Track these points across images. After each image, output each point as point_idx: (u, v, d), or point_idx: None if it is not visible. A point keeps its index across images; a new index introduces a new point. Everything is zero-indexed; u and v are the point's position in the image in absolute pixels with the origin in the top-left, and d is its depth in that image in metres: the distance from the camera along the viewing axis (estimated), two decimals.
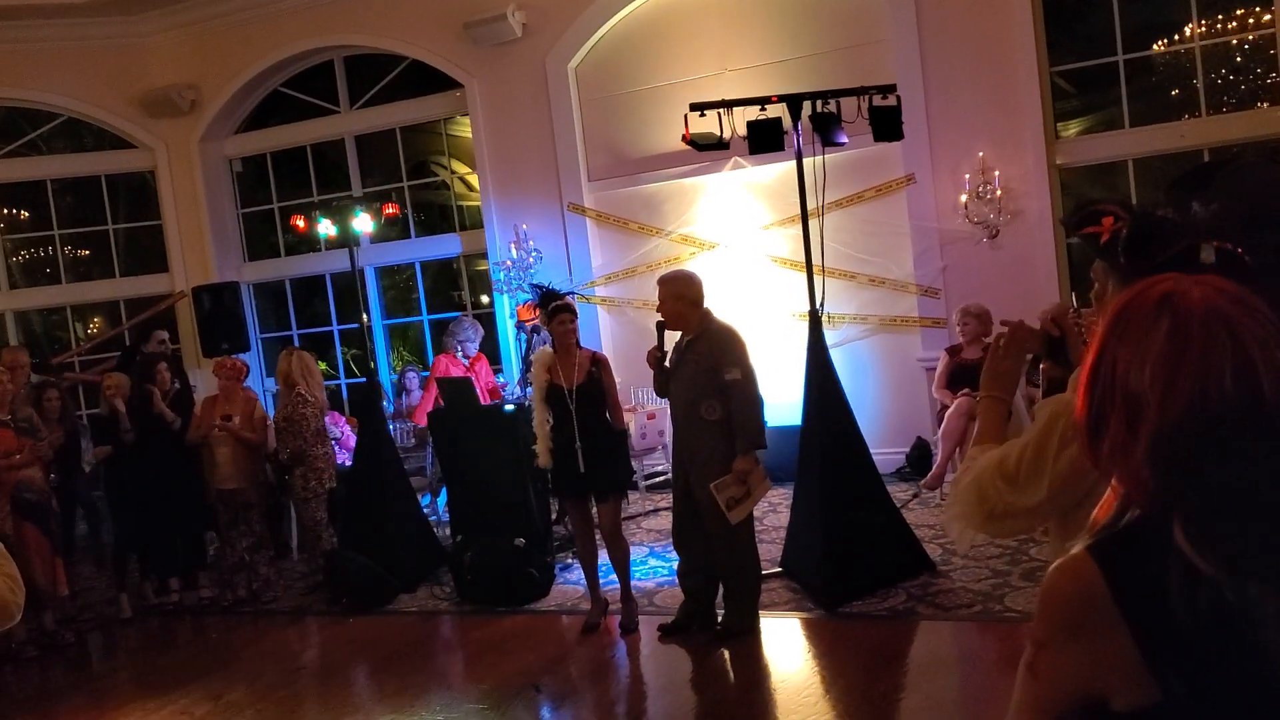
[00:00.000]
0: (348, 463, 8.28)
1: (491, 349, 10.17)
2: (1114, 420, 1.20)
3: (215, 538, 7.87)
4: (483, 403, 8.24)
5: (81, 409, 9.75)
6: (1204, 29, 8.39)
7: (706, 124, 6.96)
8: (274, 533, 8.17)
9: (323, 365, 8.56)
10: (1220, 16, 8.37)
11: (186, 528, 7.60)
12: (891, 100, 6.81)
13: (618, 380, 6.42)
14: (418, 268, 11.50)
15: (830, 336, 7.04)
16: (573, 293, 7.22)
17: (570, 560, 7.39)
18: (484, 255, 10.67)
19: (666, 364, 5.73)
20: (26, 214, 11.97)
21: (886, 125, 6.82)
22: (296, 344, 10.94)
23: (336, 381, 11.59)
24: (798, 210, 6.73)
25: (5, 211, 11.74)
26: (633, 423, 8.33)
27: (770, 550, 6.80)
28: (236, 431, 7.37)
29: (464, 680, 5.89)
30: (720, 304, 6.18)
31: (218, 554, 7.73)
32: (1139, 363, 1.18)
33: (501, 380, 9.19)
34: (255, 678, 6.11)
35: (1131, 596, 1.16)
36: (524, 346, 8.78)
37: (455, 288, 11.81)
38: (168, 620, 7.56)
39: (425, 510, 8.46)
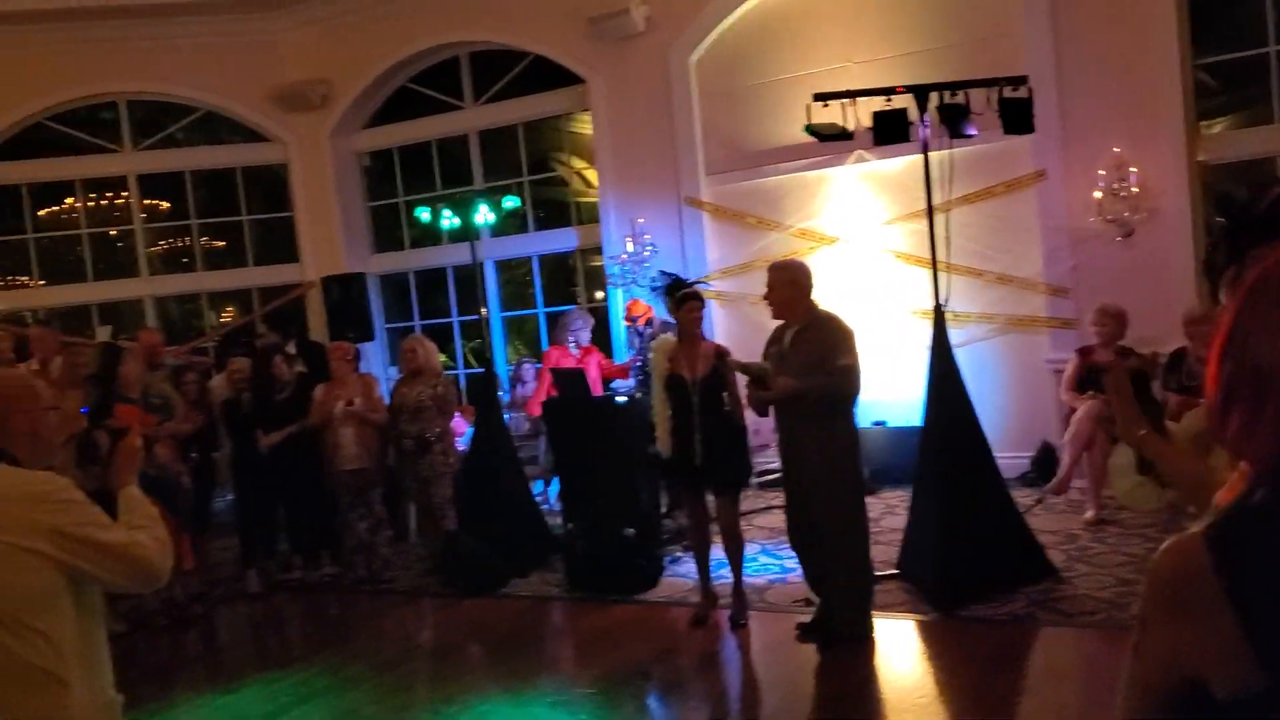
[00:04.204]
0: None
1: (604, 343, 10.22)
2: (1243, 396, 1.17)
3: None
4: (594, 393, 8.28)
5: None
6: None
7: (830, 115, 6.85)
8: (393, 515, 8.35)
9: (442, 358, 8.70)
10: None
11: (310, 508, 7.81)
12: (1023, 92, 6.61)
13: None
14: (535, 262, 11.63)
15: (954, 335, 6.86)
16: (700, 282, 7.18)
17: (680, 554, 7.37)
18: (599, 250, 10.73)
19: (764, 358, 5.62)
20: (167, 204, 12.46)
21: (1017, 118, 6.63)
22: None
23: (455, 372, 11.78)
24: (923, 205, 6.58)
25: (147, 202, 12.24)
26: (747, 418, 8.26)
27: (886, 552, 6.66)
28: (360, 414, 7.56)
29: (574, 666, 5.92)
30: (839, 300, 6.10)
31: (339, 534, 7.92)
32: (1270, 336, 1.15)
33: (633, 355, 9.12)
34: (373, 654, 6.25)
35: (1242, 579, 1.12)
36: (638, 340, 8.79)
37: (571, 283, 11.92)
38: (291, 596, 7.78)
39: (538, 498, 8.54)
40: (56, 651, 2.54)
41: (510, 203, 8.54)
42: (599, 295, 11.21)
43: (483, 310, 8.82)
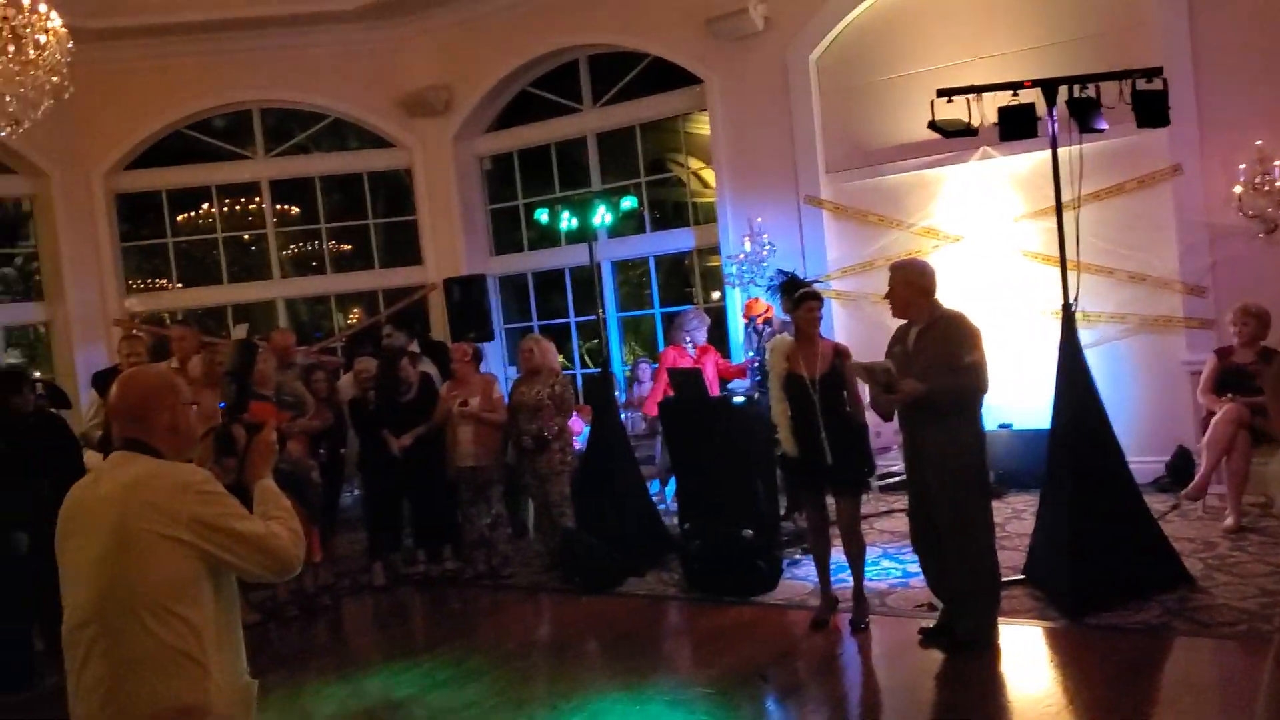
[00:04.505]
0: None
1: (721, 343, 10.20)
2: None
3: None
4: (712, 393, 8.27)
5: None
6: None
7: (954, 111, 6.72)
8: (512, 512, 8.47)
9: (560, 358, 8.81)
10: None
11: (433, 504, 7.98)
12: (1157, 84, 6.36)
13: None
14: (651, 262, 11.68)
15: (1085, 336, 6.66)
16: (819, 281, 7.10)
17: (799, 556, 7.31)
18: (716, 250, 10.72)
19: (886, 360, 5.52)
20: (296, 209, 12.87)
21: (1151, 111, 6.38)
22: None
23: (571, 372, 11.89)
24: (1051, 202, 6.41)
25: (278, 207, 12.66)
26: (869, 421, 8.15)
27: (1012, 557, 6.50)
28: (475, 413, 7.69)
29: (691, 665, 5.91)
30: (964, 299, 5.95)
31: (460, 530, 8.07)
32: None
33: (751, 355, 9.09)
34: (493, 647, 6.36)
35: None
36: (755, 340, 8.74)
37: (687, 283, 11.92)
38: (415, 589, 7.95)
39: (654, 498, 8.56)
40: (197, 636, 2.64)
41: (628, 203, 8.58)
42: (715, 295, 11.20)
43: (599, 311, 8.86)
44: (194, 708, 2.60)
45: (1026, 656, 5.44)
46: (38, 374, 10.69)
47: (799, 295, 6.00)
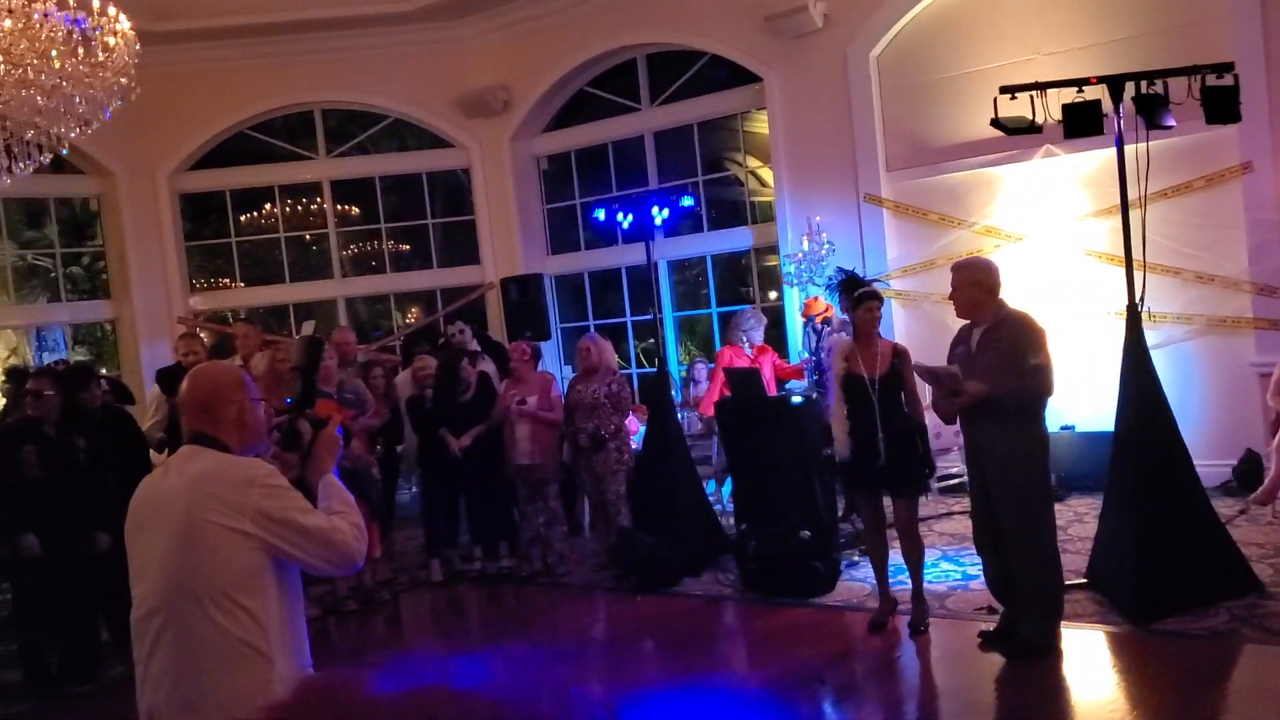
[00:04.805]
0: None
1: (778, 342, 10.15)
2: None
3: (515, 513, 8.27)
4: (769, 393, 8.22)
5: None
6: None
7: (1017, 109, 6.62)
8: (568, 510, 8.49)
9: (616, 358, 8.82)
10: None
11: (490, 501, 8.02)
12: (1228, 80, 6.22)
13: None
14: (708, 261, 11.65)
15: (1151, 337, 6.53)
16: (878, 280, 7.02)
17: (857, 558, 7.25)
18: (774, 249, 10.67)
19: (953, 365, 5.45)
20: (357, 209, 13.02)
21: (1221, 106, 6.22)
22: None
23: (627, 371, 11.90)
24: (1116, 200, 6.31)
25: (339, 207, 12.82)
26: (929, 422, 8.07)
27: (1074, 561, 6.39)
28: (532, 412, 7.72)
29: (747, 666, 5.89)
30: (1026, 299, 5.87)
31: (517, 528, 8.11)
32: None
33: (806, 356, 9.04)
34: (548, 645, 6.37)
35: None
36: (812, 340, 8.68)
37: (744, 282, 11.88)
38: (471, 586, 8.01)
39: (710, 498, 8.54)
40: (261, 628, 2.67)
41: (685, 201, 8.56)
42: (773, 295, 11.15)
43: (656, 311, 8.86)
44: (257, 697, 2.63)
45: (1089, 661, 5.35)
46: (104, 371, 10.90)
47: (859, 294, 5.95)
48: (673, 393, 9.36)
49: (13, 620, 6.73)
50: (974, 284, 5.40)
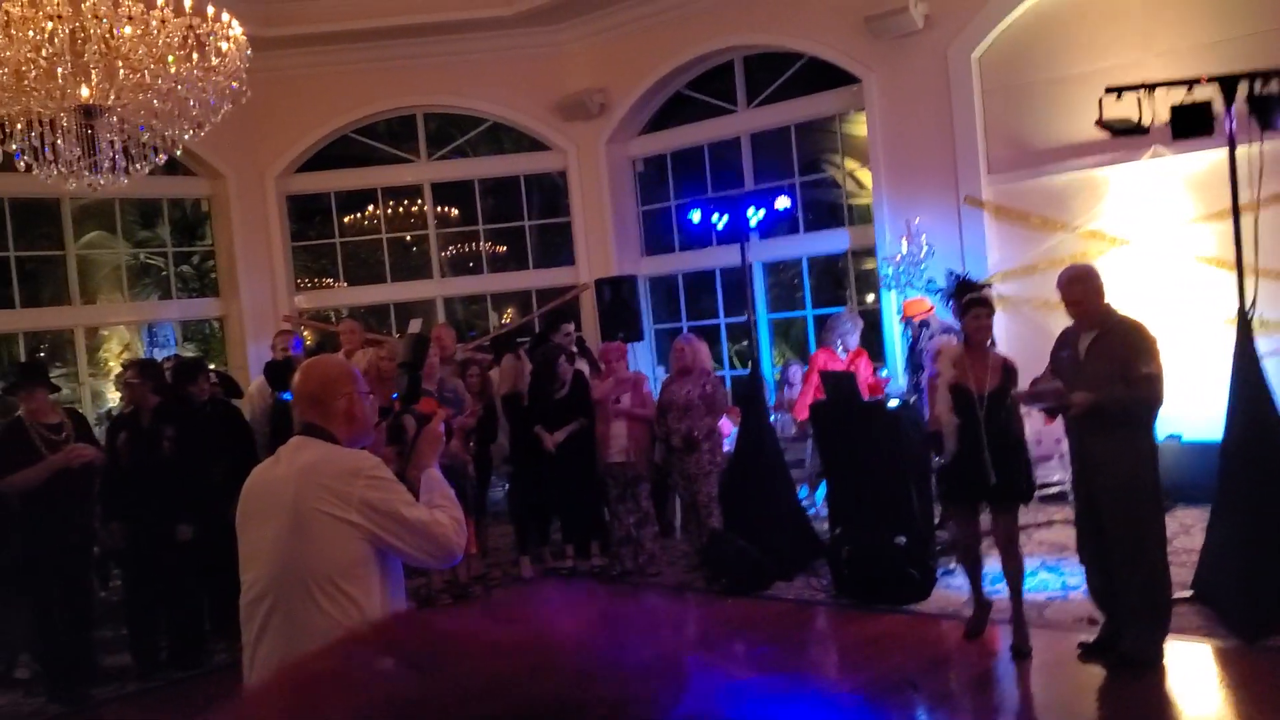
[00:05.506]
0: None
1: (875, 346, 10.04)
2: None
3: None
4: (864, 397, 8.14)
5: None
6: None
7: (1123, 109, 6.48)
8: (659, 511, 8.52)
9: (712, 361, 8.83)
10: None
11: (581, 499, 8.10)
12: None
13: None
14: (804, 264, 11.57)
15: (1262, 344, 6.31)
16: (989, 285, 6.84)
17: (953, 566, 7.13)
18: (871, 252, 10.56)
19: (1050, 363, 5.33)
20: (456, 211, 13.24)
21: None
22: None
23: (721, 373, 11.88)
24: (1227, 204, 6.11)
25: (439, 209, 13.05)
26: (1028, 428, 7.92)
27: (1180, 573, 6.19)
28: (628, 410, 7.77)
29: (838, 671, 5.84)
30: (1132, 305, 5.72)
31: (608, 527, 8.17)
32: None
33: (885, 374, 9.00)
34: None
35: None
36: (911, 342, 8.58)
37: (840, 286, 11.78)
38: (562, 583, 8.08)
39: (803, 502, 8.49)
40: (364, 615, 2.75)
41: (782, 202, 8.53)
42: (869, 298, 11.04)
43: (750, 313, 8.84)
44: None
45: (1194, 677, 5.21)
46: (212, 365, 11.27)
47: (966, 301, 5.79)
48: (766, 395, 9.33)
49: (124, 605, 7.00)
50: (1097, 291, 5.27)
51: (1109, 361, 5.13)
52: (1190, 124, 6.23)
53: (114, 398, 10.60)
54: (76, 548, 6.34)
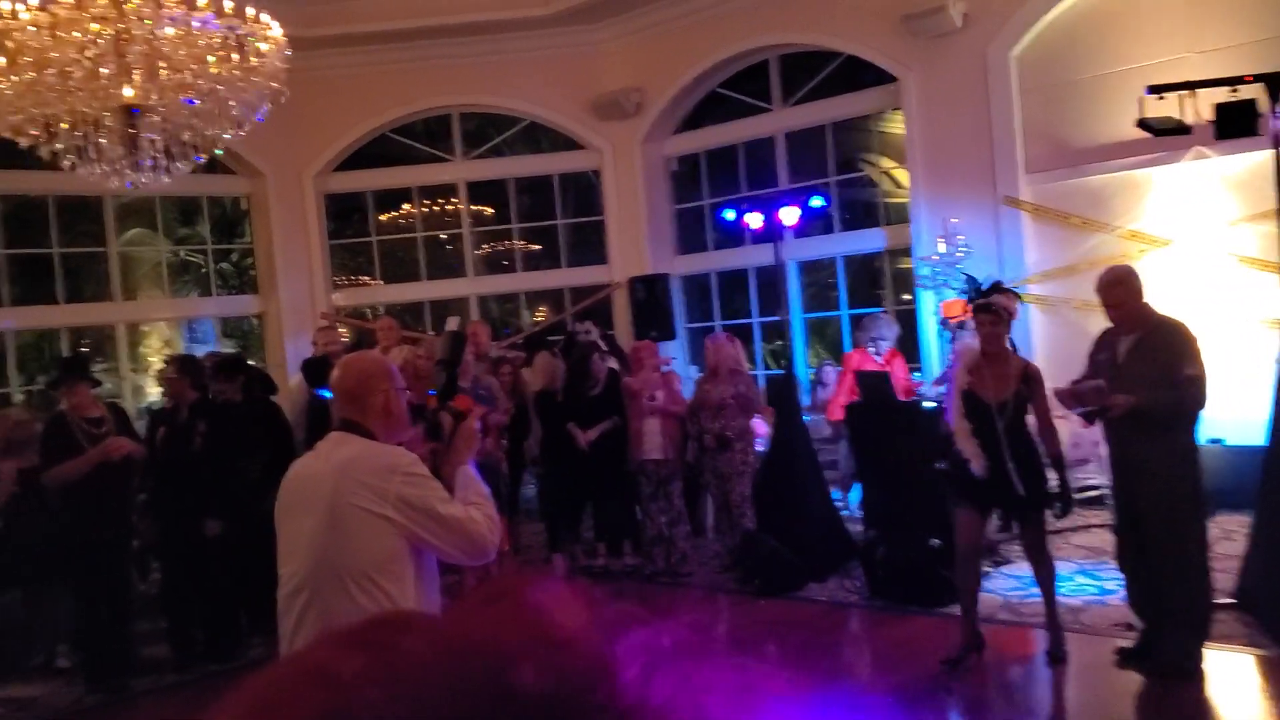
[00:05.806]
0: None
1: (911, 347, 9.97)
2: None
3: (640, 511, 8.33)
4: (899, 399, 8.09)
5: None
6: None
7: (1165, 109, 6.41)
8: (691, 511, 8.51)
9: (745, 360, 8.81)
10: None
11: (614, 498, 8.10)
12: None
13: (1048, 387, 5.46)
14: (839, 263, 11.51)
15: None
16: (1015, 284, 6.73)
17: (989, 569, 7.07)
18: (907, 251, 10.49)
19: (1089, 365, 5.25)
20: (491, 210, 13.29)
21: None
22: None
23: (754, 373, 11.84)
24: (1272, 204, 6.02)
25: (474, 208, 13.10)
26: (1064, 431, 7.83)
27: (1221, 580, 6.09)
28: (662, 407, 7.77)
29: (871, 673, 5.81)
30: (1173, 307, 5.63)
31: (640, 526, 8.16)
32: None
33: (918, 379, 8.94)
34: None
35: None
36: (951, 344, 8.51)
37: (876, 285, 11.71)
38: (594, 582, 8.08)
39: (837, 503, 8.44)
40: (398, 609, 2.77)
41: (817, 201, 8.49)
42: (905, 297, 10.97)
43: (784, 312, 8.82)
44: None
45: (1234, 685, 5.14)
46: (250, 362, 11.37)
47: (975, 305, 5.60)
48: (800, 396, 9.30)
49: (162, 598, 7.08)
50: (1136, 294, 5.18)
51: (1151, 365, 5.03)
52: (1235, 123, 6.16)
53: (155, 393, 10.73)
54: (116, 540, 6.42)
